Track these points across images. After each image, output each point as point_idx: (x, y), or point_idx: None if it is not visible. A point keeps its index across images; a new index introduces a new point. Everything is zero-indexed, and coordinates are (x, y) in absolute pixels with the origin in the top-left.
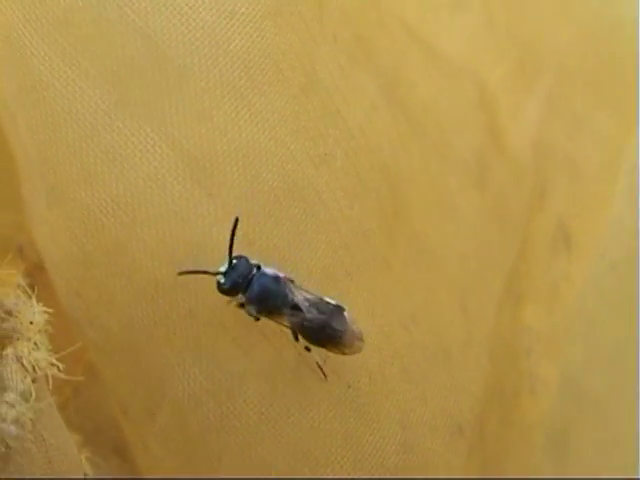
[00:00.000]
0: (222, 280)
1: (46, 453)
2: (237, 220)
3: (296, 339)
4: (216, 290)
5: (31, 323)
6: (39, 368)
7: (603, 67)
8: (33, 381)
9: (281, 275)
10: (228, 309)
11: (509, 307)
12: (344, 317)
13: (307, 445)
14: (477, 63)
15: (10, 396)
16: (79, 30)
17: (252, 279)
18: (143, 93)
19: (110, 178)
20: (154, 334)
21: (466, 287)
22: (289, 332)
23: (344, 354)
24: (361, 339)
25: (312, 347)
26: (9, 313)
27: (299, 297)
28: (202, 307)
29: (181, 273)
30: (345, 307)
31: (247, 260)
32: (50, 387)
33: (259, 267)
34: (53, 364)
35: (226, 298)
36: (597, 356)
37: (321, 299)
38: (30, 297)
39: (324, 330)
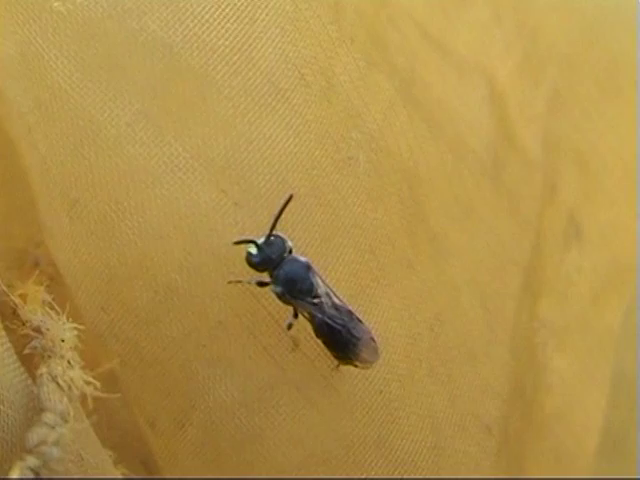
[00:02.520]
0: (253, 251)
1: (85, 473)
2: (291, 197)
3: (318, 336)
4: (245, 299)
5: (62, 341)
6: (75, 387)
7: (607, 58)
8: (69, 400)
9: (313, 266)
10: (258, 318)
11: (527, 302)
12: (363, 328)
13: (341, 453)
14: (486, 58)
15: (49, 417)
16: (99, 42)
17: (284, 260)
18: (165, 103)
19: (134, 191)
20: (183, 346)
21: (485, 284)
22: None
23: (355, 366)
24: (375, 354)
25: None
26: (37, 331)
27: (323, 293)
28: (232, 317)
29: (236, 243)
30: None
31: (284, 241)
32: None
33: (291, 252)
34: (89, 382)
35: (247, 278)
36: None
37: (345, 305)
38: (59, 314)
39: (341, 333)
